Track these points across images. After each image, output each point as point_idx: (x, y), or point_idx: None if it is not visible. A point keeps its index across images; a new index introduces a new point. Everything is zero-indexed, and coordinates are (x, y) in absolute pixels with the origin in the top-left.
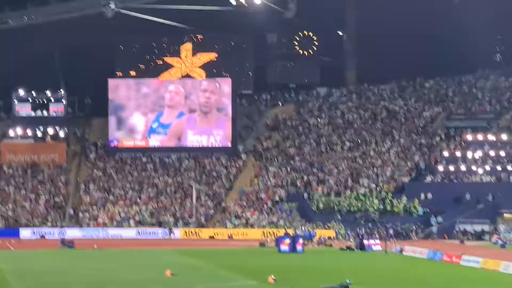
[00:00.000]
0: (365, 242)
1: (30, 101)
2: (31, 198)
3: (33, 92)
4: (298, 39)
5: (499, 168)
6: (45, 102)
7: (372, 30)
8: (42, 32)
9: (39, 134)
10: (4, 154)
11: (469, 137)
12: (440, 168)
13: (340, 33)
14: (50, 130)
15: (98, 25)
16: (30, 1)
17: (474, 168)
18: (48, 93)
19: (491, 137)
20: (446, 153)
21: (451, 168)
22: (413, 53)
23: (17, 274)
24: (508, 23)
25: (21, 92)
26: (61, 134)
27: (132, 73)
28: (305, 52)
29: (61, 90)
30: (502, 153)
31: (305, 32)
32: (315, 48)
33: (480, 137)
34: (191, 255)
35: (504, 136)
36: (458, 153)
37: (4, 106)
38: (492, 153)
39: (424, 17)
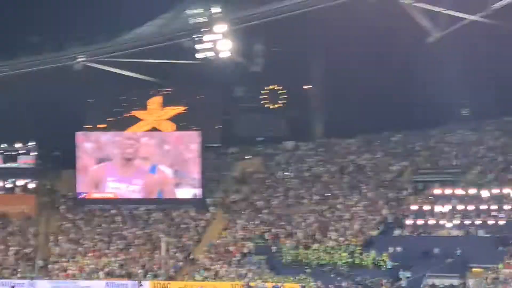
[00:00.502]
0: None
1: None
2: (0, 249)
3: (2, 144)
4: (265, 92)
5: (467, 222)
6: (15, 154)
7: (339, 84)
8: (11, 84)
9: (8, 185)
10: None
11: (437, 191)
12: (408, 221)
13: (307, 87)
14: (20, 182)
15: (66, 78)
16: None
17: (442, 222)
18: (18, 145)
19: (458, 191)
20: (414, 207)
21: (419, 222)
22: (380, 107)
23: None
24: (476, 77)
25: None
26: (31, 186)
27: (101, 126)
28: (273, 106)
29: (30, 142)
30: (470, 207)
31: (272, 86)
32: (282, 102)
33: (448, 191)
34: None
35: (471, 191)
36: (426, 207)
37: None
38: (460, 207)
39: (391, 72)
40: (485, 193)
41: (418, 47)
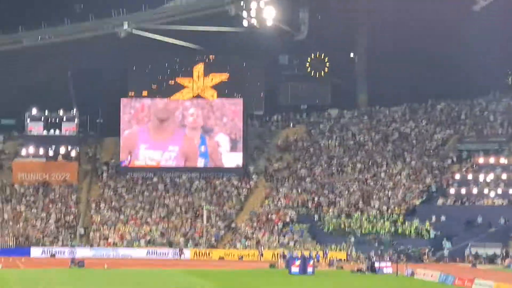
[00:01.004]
0: (376, 264)
1: (43, 120)
2: (42, 217)
3: (45, 111)
4: (309, 60)
5: (510, 191)
6: (58, 121)
7: (383, 52)
8: (55, 52)
9: (51, 153)
10: (16, 173)
11: (481, 160)
12: (452, 190)
13: (352, 55)
14: (62, 149)
15: (111, 45)
16: (43, 22)
17: (485, 191)
18: (61, 112)
19: (503, 160)
20: (457, 176)
21: (463, 191)
22: (425, 75)
23: None
24: None
25: (34, 111)
26: (73, 153)
27: (145, 93)
28: (317, 74)
29: (73, 109)
30: None
31: (316, 54)
32: (326, 70)
33: (491, 160)
34: (201, 276)
35: None
36: (469, 176)
37: (17, 125)
38: (504, 176)
39: (436, 40)
40: None
41: (464, 15)
